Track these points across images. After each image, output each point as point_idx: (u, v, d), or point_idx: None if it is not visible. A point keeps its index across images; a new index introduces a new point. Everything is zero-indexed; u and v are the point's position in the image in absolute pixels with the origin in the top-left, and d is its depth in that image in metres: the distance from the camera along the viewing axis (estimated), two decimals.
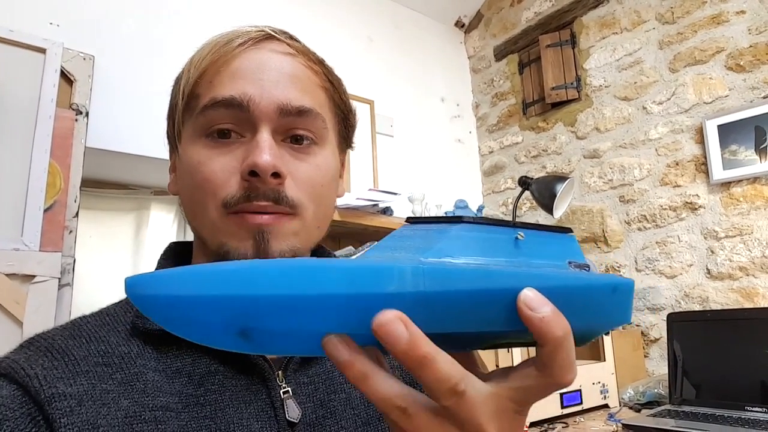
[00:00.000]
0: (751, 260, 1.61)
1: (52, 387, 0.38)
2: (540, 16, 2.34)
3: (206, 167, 0.44)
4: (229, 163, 0.44)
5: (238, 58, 0.45)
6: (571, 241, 0.32)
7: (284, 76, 0.45)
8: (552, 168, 2.25)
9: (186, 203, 0.48)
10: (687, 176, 1.78)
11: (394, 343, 0.22)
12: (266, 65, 0.45)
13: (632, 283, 0.31)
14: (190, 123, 0.46)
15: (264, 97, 0.44)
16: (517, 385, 0.27)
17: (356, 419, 0.48)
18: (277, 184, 0.43)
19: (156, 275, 0.23)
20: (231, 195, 0.43)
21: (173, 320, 0.24)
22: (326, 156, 0.48)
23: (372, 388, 0.24)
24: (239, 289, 0.23)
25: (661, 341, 1.77)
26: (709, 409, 1.30)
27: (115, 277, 2.29)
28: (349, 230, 1.80)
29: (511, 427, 0.27)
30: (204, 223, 0.45)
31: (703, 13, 1.79)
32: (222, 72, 0.45)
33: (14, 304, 1.16)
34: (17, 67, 1.28)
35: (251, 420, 0.43)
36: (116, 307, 0.48)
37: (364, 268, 0.23)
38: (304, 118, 0.46)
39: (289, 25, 0.52)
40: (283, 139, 0.46)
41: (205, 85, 0.45)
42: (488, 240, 0.28)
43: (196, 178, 0.44)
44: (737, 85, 1.69)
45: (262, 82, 0.44)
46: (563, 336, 0.25)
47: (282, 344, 0.24)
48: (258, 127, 0.44)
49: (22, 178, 1.23)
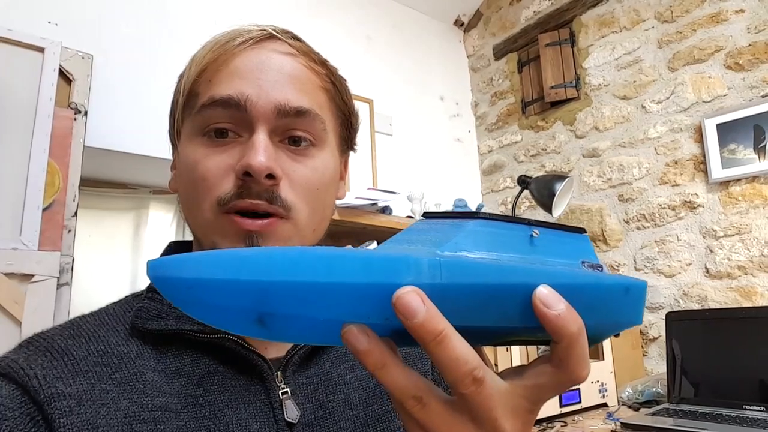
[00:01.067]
0: (750, 259, 1.61)
1: (52, 387, 0.38)
2: (539, 15, 2.34)
3: (202, 165, 0.44)
4: (225, 161, 0.43)
5: (238, 57, 0.45)
6: (585, 241, 0.32)
7: (283, 77, 0.45)
8: (551, 167, 2.25)
9: (183, 201, 0.48)
10: (686, 175, 1.79)
11: (412, 315, 0.23)
12: (266, 65, 0.45)
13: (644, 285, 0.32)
14: (189, 121, 0.46)
15: (262, 98, 0.44)
16: (533, 383, 0.27)
17: (355, 420, 0.48)
18: (272, 185, 0.43)
19: (179, 258, 0.24)
20: (225, 193, 0.43)
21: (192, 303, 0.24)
22: (324, 158, 0.48)
23: (389, 377, 0.24)
24: (258, 274, 0.23)
25: (659, 340, 1.77)
26: (708, 408, 1.31)
27: (114, 277, 2.28)
28: (348, 229, 1.80)
29: (524, 425, 0.27)
30: (199, 221, 0.45)
31: (702, 11, 1.79)
32: (221, 71, 0.45)
33: (13, 304, 1.16)
34: (16, 67, 1.27)
35: (250, 420, 0.43)
36: (115, 307, 0.48)
37: (382, 258, 0.24)
38: (302, 119, 0.45)
39: (288, 24, 0.52)
40: (281, 140, 0.45)
41: (204, 84, 0.45)
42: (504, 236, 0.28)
43: (193, 176, 0.44)
44: (736, 84, 1.69)
45: (260, 81, 0.44)
46: (578, 332, 0.25)
47: (297, 332, 0.25)
48: (255, 127, 0.44)
49: (21, 178, 1.23)
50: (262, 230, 0.43)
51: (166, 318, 0.45)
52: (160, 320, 0.45)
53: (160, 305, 0.46)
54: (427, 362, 0.58)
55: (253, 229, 0.43)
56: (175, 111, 0.48)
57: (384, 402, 0.51)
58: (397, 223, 1.82)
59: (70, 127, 1.32)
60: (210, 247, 0.44)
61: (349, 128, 0.53)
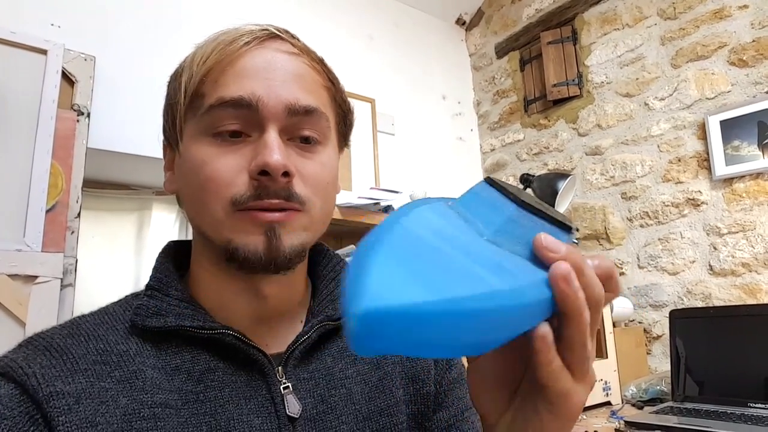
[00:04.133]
0: (754, 256, 1.60)
1: (51, 385, 0.39)
2: (541, 13, 2.33)
3: (211, 166, 0.44)
4: (236, 161, 0.44)
5: (244, 57, 0.45)
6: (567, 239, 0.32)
7: (290, 76, 0.46)
8: (554, 165, 2.24)
9: (188, 202, 0.48)
10: (689, 172, 1.78)
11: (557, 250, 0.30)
12: (272, 65, 0.45)
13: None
14: (194, 122, 0.46)
15: (272, 97, 0.44)
16: None
17: (357, 414, 0.48)
18: (287, 183, 0.44)
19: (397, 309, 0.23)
20: (241, 193, 0.43)
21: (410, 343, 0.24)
22: (330, 154, 0.49)
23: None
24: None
25: (663, 338, 1.77)
26: (712, 406, 1.30)
27: (117, 278, 2.29)
28: (351, 229, 1.80)
29: None
30: (208, 221, 0.45)
31: (705, 8, 1.78)
32: (227, 71, 0.45)
33: (17, 305, 1.17)
34: (19, 69, 1.28)
35: (251, 416, 0.43)
36: (115, 306, 0.49)
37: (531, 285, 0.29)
38: (310, 117, 0.46)
39: (289, 24, 0.52)
40: (290, 138, 0.46)
41: (210, 85, 0.45)
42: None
43: (201, 177, 0.44)
44: (740, 80, 1.68)
45: (269, 81, 0.45)
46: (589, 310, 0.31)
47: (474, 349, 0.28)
48: (266, 126, 0.44)
49: (24, 179, 1.24)
50: (282, 220, 0.44)
51: (166, 315, 0.45)
52: (159, 317, 0.45)
53: (160, 302, 0.46)
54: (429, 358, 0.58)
55: (273, 219, 0.43)
56: (175, 112, 0.48)
57: (386, 396, 0.51)
58: None
59: (73, 129, 1.33)
60: (224, 244, 0.44)
61: (347, 125, 0.54)
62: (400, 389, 0.52)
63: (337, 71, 0.52)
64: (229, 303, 0.48)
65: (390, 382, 0.52)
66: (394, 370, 0.53)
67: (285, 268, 0.45)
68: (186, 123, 0.47)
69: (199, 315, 0.46)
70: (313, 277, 0.56)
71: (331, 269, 0.56)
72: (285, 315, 0.51)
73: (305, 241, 0.46)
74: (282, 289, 0.49)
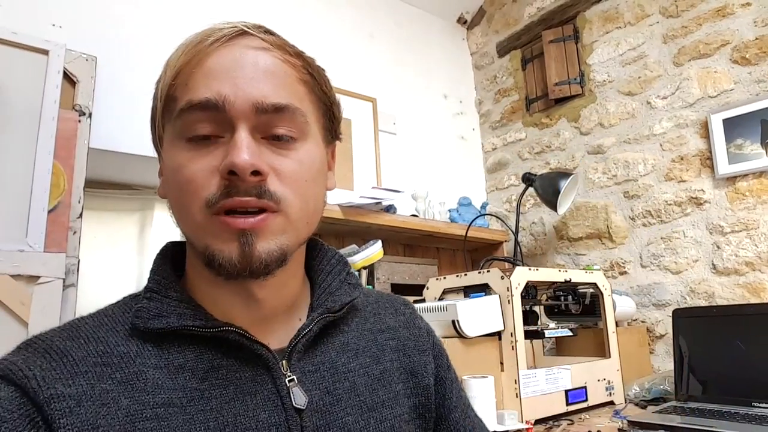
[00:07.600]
0: (758, 255, 1.59)
1: (51, 388, 0.38)
2: (542, 12, 2.32)
3: (187, 169, 0.44)
4: (209, 163, 0.43)
5: (211, 57, 0.45)
6: None
7: (259, 72, 0.45)
8: (556, 164, 2.24)
9: (173, 206, 0.48)
10: (692, 171, 1.77)
11: None
12: (240, 62, 0.45)
13: None
14: (170, 126, 0.46)
15: (239, 96, 0.43)
16: None
17: (362, 405, 0.49)
18: (258, 182, 0.43)
19: None
20: (212, 194, 0.43)
21: None
22: (309, 150, 0.48)
23: None
24: None
25: (666, 337, 1.76)
26: (716, 406, 1.30)
27: (119, 278, 2.30)
28: (353, 228, 1.80)
29: None
30: (189, 225, 0.45)
31: (707, 5, 1.77)
32: (196, 72, 0.44)
33: (19, 305, 1.17)
34: (20, 69, 1.28)
35: (258, 410, 0.44)
36: (115, 308, 0.49)
37: None
38: (282, 114, 0.45)
39: (289, 24, 0.52)
40: (263, 137, 0.45)
41: (180, 87, 0.45)
42: None
43: (178, 181, 0.44)
44: (743, 78, 1.67)
45: (236, 79, 0.44)
46: None
47: None
48: (236, 126, 0.44)
49: (26, 180, 1.24)
50: (255, 227, 0.43)
51: (167, 316, 0.45)
52: (161, 318, 0.45)
53: (160, 304, 0.46)
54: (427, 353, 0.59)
55: (245, 227, 0.43)
56: (155, 118, 0.48)
57: (386, 389, 0.53)
58: (401, 221, 1.82)
59: (75, 129, 1.33)
60: (203, 250, 0.44)
61: (332, 118, 0.53)
62: (399, 383, 0.54)
63: (339, 70, 0.52)
64: (225, 305, 0.48)
65: (390, 376, 0.54)
66: (393, 365, 0.55)
67: (262, 273, 0.44)
68: (164, 128, 0.47)
69: (200, 314, 0.46)
70: (310, 273, 0.56)
71: (327, 263, 0.57)
72: (283, 314, 0.51)
73: (284, 244, 0.45)
74: (275, 291, 0.49)
